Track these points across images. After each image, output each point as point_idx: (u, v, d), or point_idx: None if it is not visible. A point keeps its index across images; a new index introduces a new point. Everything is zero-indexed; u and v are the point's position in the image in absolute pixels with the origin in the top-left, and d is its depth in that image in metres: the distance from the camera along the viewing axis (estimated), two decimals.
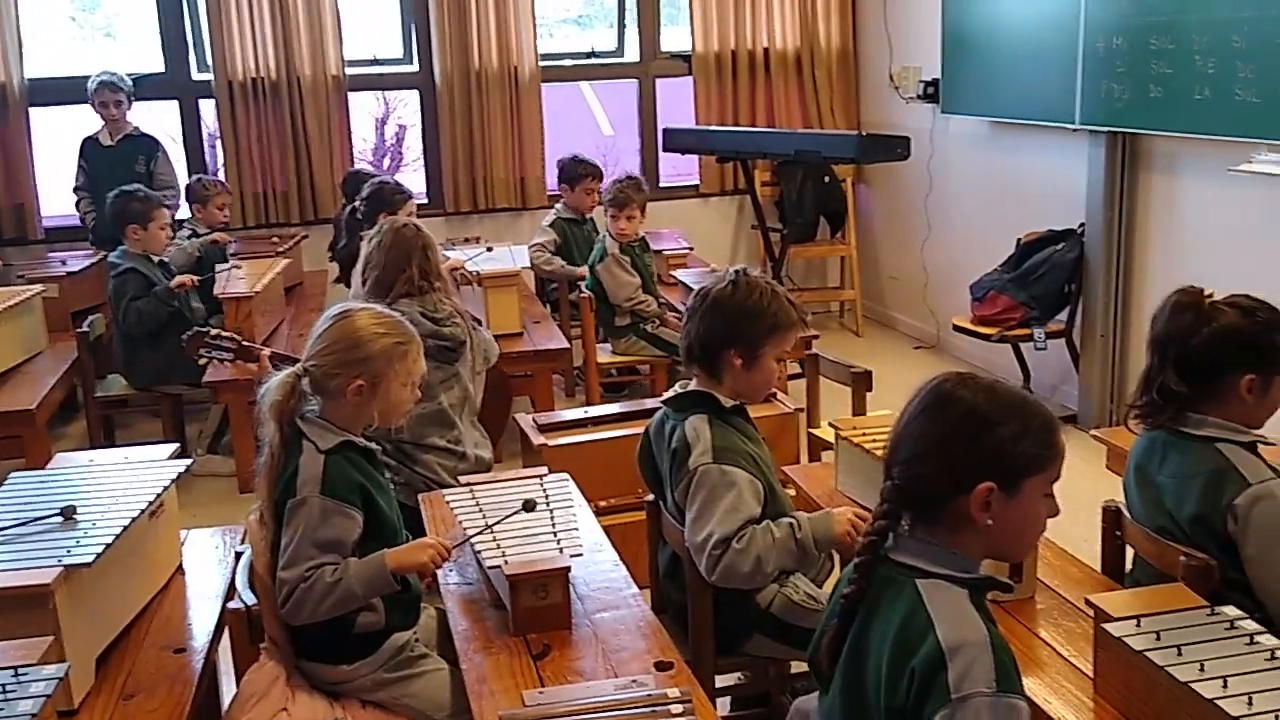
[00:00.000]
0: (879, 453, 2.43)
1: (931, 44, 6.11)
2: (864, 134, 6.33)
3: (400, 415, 2.53)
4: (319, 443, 2.34)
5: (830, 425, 3.23)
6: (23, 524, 2.33)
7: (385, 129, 10.14)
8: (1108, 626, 1.94)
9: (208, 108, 6.60)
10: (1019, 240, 5.43)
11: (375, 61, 6.83)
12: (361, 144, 8.76)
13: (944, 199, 6.46)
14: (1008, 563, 2.13)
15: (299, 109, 6.46)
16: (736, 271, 2.55)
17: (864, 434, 2.86)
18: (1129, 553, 2.59)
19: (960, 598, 1.57)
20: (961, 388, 1.61)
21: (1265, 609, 2.24)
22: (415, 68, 6.77)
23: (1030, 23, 5.30)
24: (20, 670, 1.85)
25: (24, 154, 6.18)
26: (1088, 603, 2.11)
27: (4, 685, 1.80)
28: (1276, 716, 1.67)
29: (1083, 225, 5.21)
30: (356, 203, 4.97)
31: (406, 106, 8.96)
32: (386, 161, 9.86)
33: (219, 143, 6.55)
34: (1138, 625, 1.92)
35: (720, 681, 2.76)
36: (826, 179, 6.97)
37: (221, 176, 6.39)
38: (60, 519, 2.34)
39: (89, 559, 2.19)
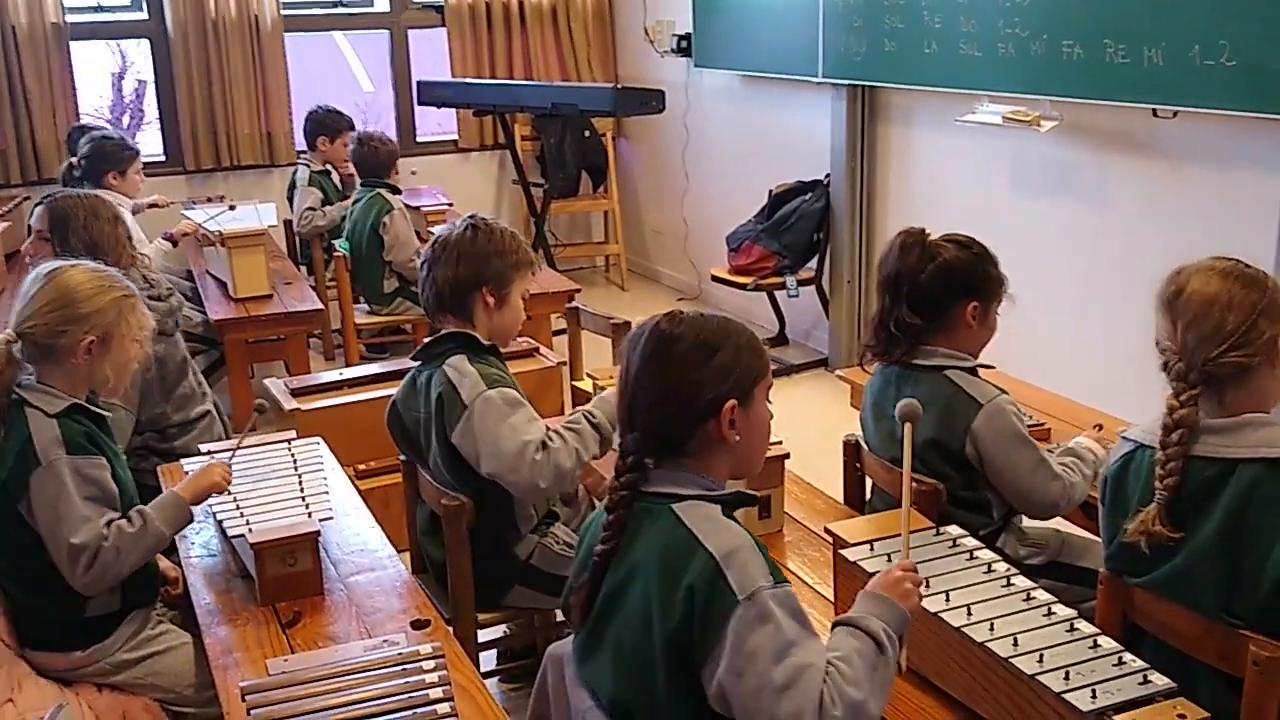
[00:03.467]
0: None
1: None
2: (620, 87, 6.36)
3: (128, 374, 2.39)
4: (46, 408, 2.20)
5: (590, 376, 3.26)
6: None
7: (124, 84, 9.46)
8: (844, 552, 2.04)
9: None
10: (771, 191, 5.60)
11: (100, 8, 6.36)
12: (98, 100, 8.17)
13: (701, 152, 6.59)
14: (747, 478, 2.20)
15: (15, 59, 5.96)
16: (472, 217, 2.62)
17: None
18: (869, 484, 2.73)
19: (715, 512, 1.64)
20: (677, 326, 1.67)
21: (992, 519, 2.43)
22: (144, 15, 6.36)
23: None
24: None
25: None
26: (827, 531, 2.21)
27: None
28: (992, 625, 1.79)
29: (828, 176, 5.43)
30: (73, 160, 4.61)
31: (146, 60, 8.41)
32: (126, 119, 9.21)
33: None
34: (871, 549, 2.03)
35: (485, 636, 2.75)
36: (587, 133, 6.98)
37: None
38: None
39: None
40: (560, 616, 2.80)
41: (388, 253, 5.16)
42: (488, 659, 3.01)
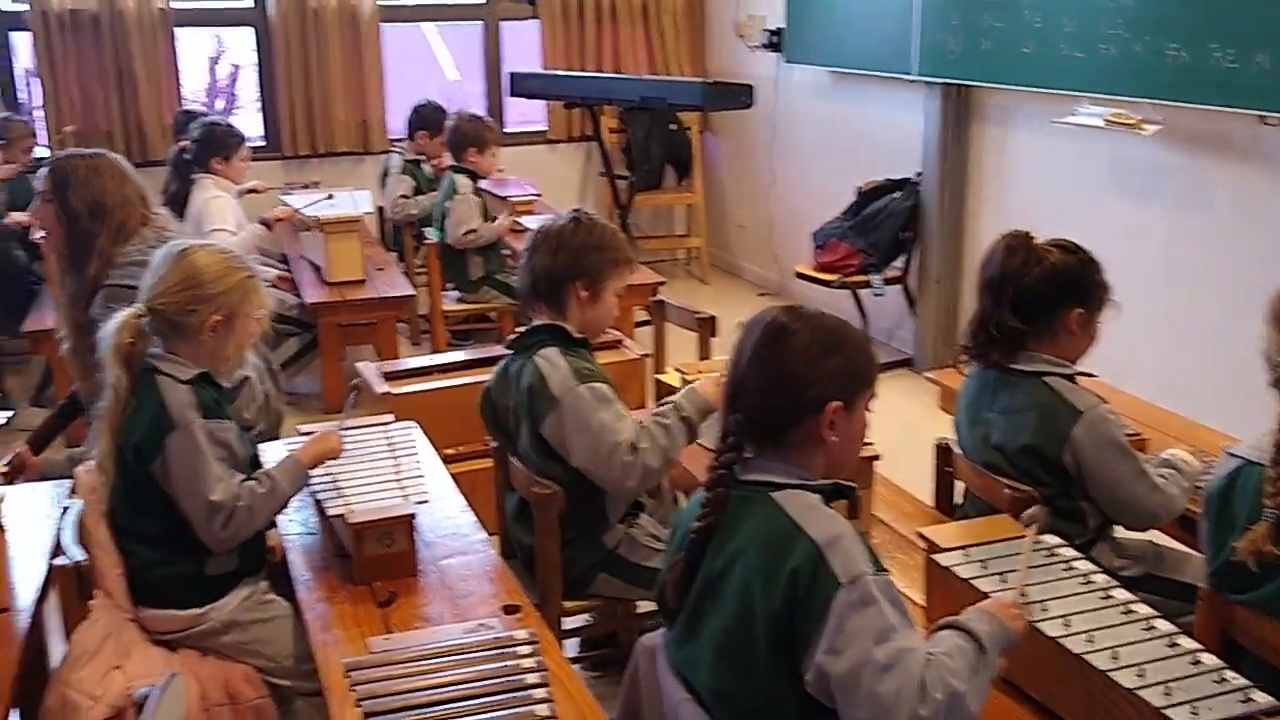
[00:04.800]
0: None
1: None
2: (709, 82, 6.36)
3: (245, 351, 2.49)
4: (178, 375, 2.29)
5: (676, 370, 3.27)
6: None
7: (218, 69, 9.69)
8: (937, 557, 2.03)
9: (21, 40, 6.19)
10: (859, 189, 5.56)
11: None
12: (194, 84, 8.38)
13: (788, 148, 6.56)
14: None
15: (123, 43, 6.14)
16: (576, 211, 2.66)
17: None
18: (960, 488, 2.71)
19: (816, 500, 1.66)
20: (795, 320, 1.69)
21: (1087, 528, 2.39)
22: (249, 3, 6.50)
23: None
24: None
25: None
26: (920, 535, 2.20)
27: None
28: (1090, 636, 1.78)
29: (919, 174, 5.37)
30: (184, 143, 4.73)
31: (241, 46, 8.60)
32: (220, 103, 9.44)
33: (36, 78, 6.16)
34: (965, 555, 2.02)
35: (569, 624, 2.79)
36: (673, 126, 6.99)
37: (40, 114, 6.02)
38: None
39: None
40: (643, 607, 2.83)
41: (447, 235, 5.18)
42: (569, 647, 3.05)
